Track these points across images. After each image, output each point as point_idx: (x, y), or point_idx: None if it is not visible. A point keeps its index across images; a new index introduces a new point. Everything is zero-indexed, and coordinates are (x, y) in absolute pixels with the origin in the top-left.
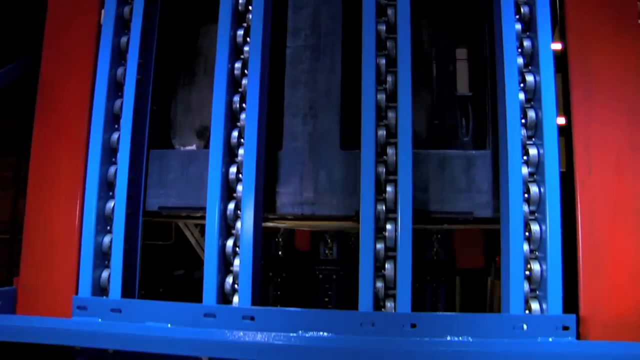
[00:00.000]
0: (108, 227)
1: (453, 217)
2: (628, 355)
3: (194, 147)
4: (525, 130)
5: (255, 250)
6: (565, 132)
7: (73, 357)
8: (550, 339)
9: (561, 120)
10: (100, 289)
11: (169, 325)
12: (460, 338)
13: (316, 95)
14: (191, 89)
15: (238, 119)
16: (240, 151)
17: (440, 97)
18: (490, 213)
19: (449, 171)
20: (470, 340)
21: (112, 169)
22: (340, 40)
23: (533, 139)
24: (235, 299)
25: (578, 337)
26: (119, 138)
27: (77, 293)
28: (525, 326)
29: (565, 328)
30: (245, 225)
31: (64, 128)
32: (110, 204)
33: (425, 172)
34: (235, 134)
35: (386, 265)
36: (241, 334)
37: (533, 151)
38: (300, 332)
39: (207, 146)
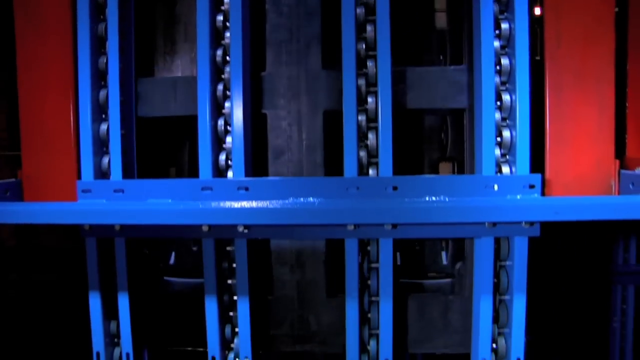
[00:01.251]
0: (103, 116)
1: None
2: (581, 205)
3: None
4: (497, 6)
5: (245, 126)
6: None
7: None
8: (518, 196)
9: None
10: (102, 174)
11: (170, 200)
12: (437, 198)
13: None
14: None
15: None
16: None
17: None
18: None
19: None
20: (447, 200)
21: (102, 59)
22: None
23: (505, 13)
24: (230, 173)
25: (543, 195)
26: (106, 28)
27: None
28: (496, 186)
29: (532, 186)
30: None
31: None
32: (104, 92)
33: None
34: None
35: (369, 136)
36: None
37: (504, 25)
38: (291, 198)
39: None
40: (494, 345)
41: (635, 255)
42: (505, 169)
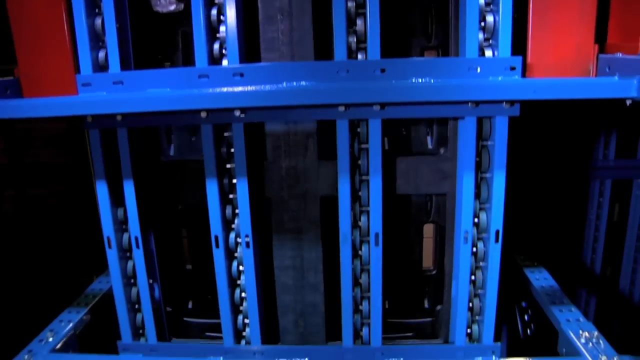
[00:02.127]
0: (96, 10)
1: None
2: (556, 85)
3: None
4: None
5: (238, 15)
6: None
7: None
8: (499, 78)
9: None
10: (100, 67)
11: (169, 89)
12: (424, 79)
13: None
14: None
15: None
16: None
17: None
18: None
19: None
20: (432, 81)
21: None
22: None
23: None
24: (225, 62)
25: (524, 77)
26: None
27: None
28: (478, 68)
29: (513, 68)
30: None
31: None
32: None
33: None
34: None
35: (357, 22)
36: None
37: None
38: (284, 83)
39: None
40: (476, 220)
41: (615, 151)
42: (488, 53)
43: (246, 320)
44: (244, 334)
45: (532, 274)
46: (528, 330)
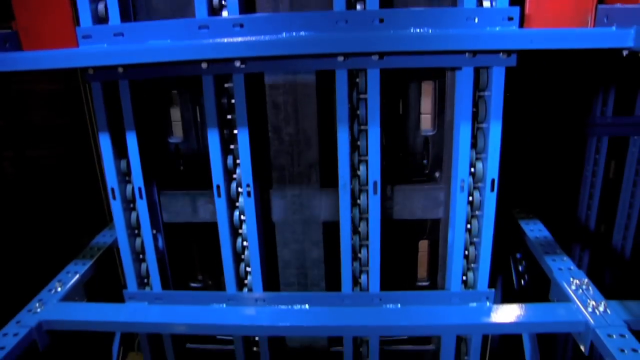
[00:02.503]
0: None
1: None
2: (552, 35)
3: None
4: None
5: None
6: None
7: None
8: (497, 28)
9: None
10: (100, 19)
11: (169, 41)
12: (422, 29)
13: None
14: None
15: None
16: None
17: None
18: None
19: None
20: (430, 31)
21: None
22: None
23: None
24: (225, 13)
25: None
26: None
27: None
28: (476, 18)
29: (510, 18)
30: None
31: None
32: None
33: None
34: None
35: None
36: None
37: None
38: (284, 33)
39: None
40: (472, 169)
41: (613, 108)
42: (486, 3)
43: (248, 269)
44: (245, 282)
45: (527, 226)
46: (522, 281)
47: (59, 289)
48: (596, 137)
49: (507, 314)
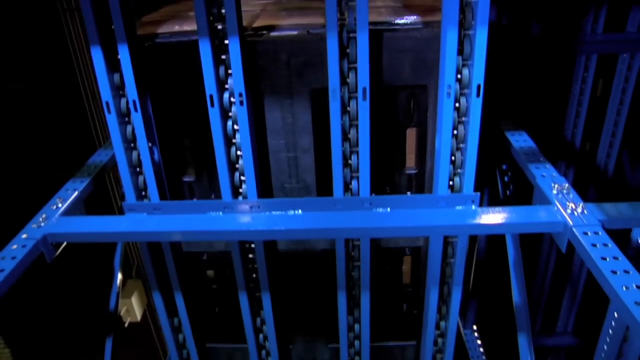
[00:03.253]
0: None
1: None
2: None
3: None
4: None
5: None
6: None
7: None
8: None
9: None
10: None
11: None
12: None
13: None
14: None
15: None
16: None
17: None
18: None
19: None
20: None
21: None
22: None
23: None
24: None
25: None
26: None
27: None
28: None
29: None
30: None
31: None
32: None
33: None
34: None
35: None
36: None
37: None
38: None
39: None
40: (459, 76)
41: (603, 26)
42: None
43: (242, 178)
44: (240, 190)
45: (512, 137)
46: (507, 191)
47: (60, 205)
48: (585, 54)
49: (491, 215)
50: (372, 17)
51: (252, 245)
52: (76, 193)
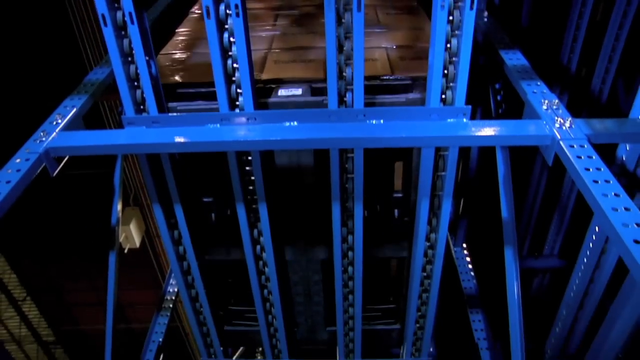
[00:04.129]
0: None
1: None
2: None
3: None
4: None
5: None
6: None
7: None
8: None
9: None
10: None
11: None
12: None
13: None
14: None
15: None
16: None
17: None
18: None
19: None
20: None
21: None
22: None
23: None
24: None
25: None
26: None
27: None
28: None
29: None
30: None
31: None
32: None
33: None
34: None
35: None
36: None
37: None
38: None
39: None
40: None
41: None
42: None
43: (239, 90)
44: (237, 103)
45: (506, 55)
46: (500, 110)
47: (60, 121)
48: None
49: (481, 127)
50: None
51: (249, 157)
52: (75, 109)
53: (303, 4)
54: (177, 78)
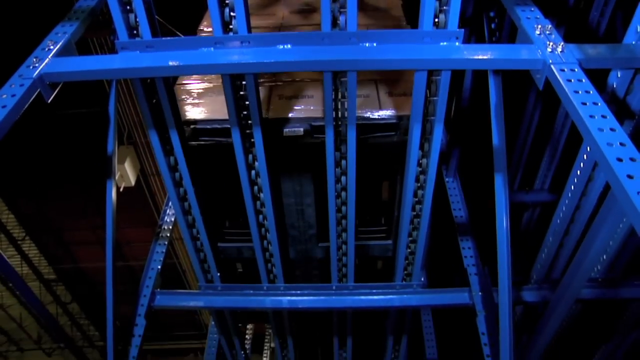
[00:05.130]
0: None
1: None
2: None
3: None
4: None
5: None
6: None
7: None
8: None
9: None
10: None
11: None
12: None
13: None
14: None
15: None
16: None
17: None
18: None
19: None
20: None
21: None
22: None
23: None
24: None
25: None
26: None
27: None
28: None
29: None
30: None
31: None
32: None
33: None
34: None
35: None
36: None
37: None
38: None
39: None
40: None
41: None
42: None
43: (232, 14)
44: (230, 27)
45: None
46: (493, 38)
47: (52, 47)
48: None
49: (474, 50)
50: None
51: (244, 82)
52: (67, 35)
53: None
54: None
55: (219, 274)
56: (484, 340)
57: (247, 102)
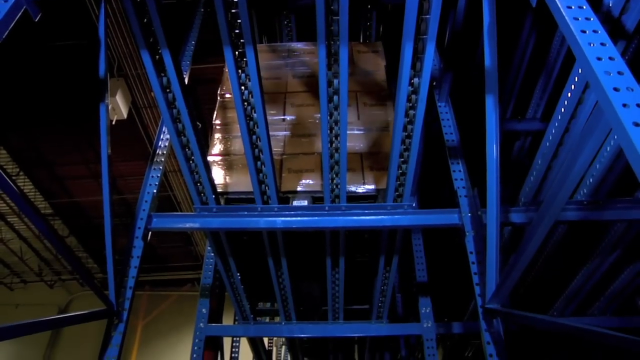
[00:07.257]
0: None
1: None
2: None
3: None
4: None
5: None
6: None
7: None
8: None
9: None
10: None
11: None
12: None
13: None
14: None
15: None
16: None
17: None
18: None
19: None
20: None
21: None
22: None
23: None
24: None
25: None
26: None
27: None
28: None
29: None
30: None
31: None
32: None
33: None
34: None
35: None
36: None
37: None
38: None
39: None
40: None
41: None
42: None
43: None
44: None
45: None
46: None
47: None
48: None
49: None
50: None
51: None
52: None
53: None
54: None
55: (213, 196)
56: (471, 258)
57: None
